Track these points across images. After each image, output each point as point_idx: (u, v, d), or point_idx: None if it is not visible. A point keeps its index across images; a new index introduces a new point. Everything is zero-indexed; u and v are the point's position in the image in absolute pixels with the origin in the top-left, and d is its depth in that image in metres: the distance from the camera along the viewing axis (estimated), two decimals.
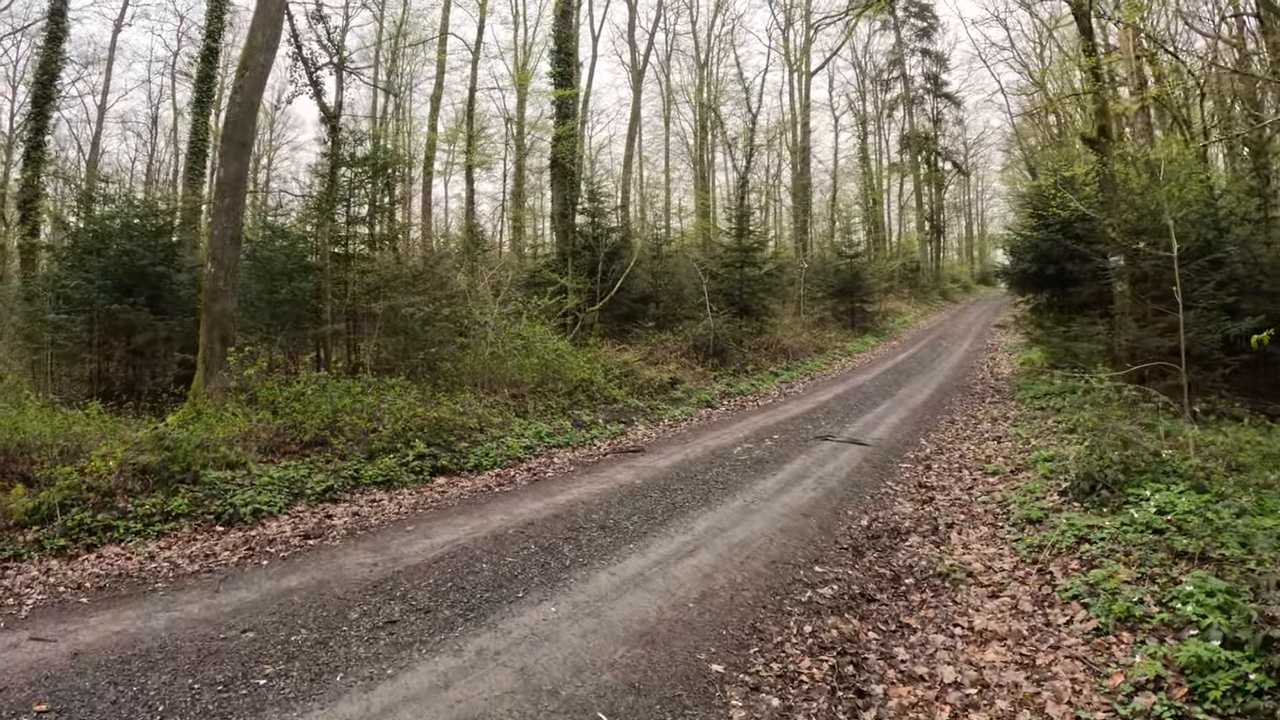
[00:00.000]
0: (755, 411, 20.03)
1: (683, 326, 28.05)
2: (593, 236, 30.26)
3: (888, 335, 41.99)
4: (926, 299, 61.88)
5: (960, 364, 30.12)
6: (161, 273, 19.55)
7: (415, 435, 14.62)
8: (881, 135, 74.41)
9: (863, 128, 70.98)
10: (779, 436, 16.08)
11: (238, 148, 17.22)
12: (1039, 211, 24.02)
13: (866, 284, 42.75)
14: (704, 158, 57.49)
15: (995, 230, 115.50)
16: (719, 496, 11.51)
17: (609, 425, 17.96)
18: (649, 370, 22.34)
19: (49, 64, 28.82)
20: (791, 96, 53.24)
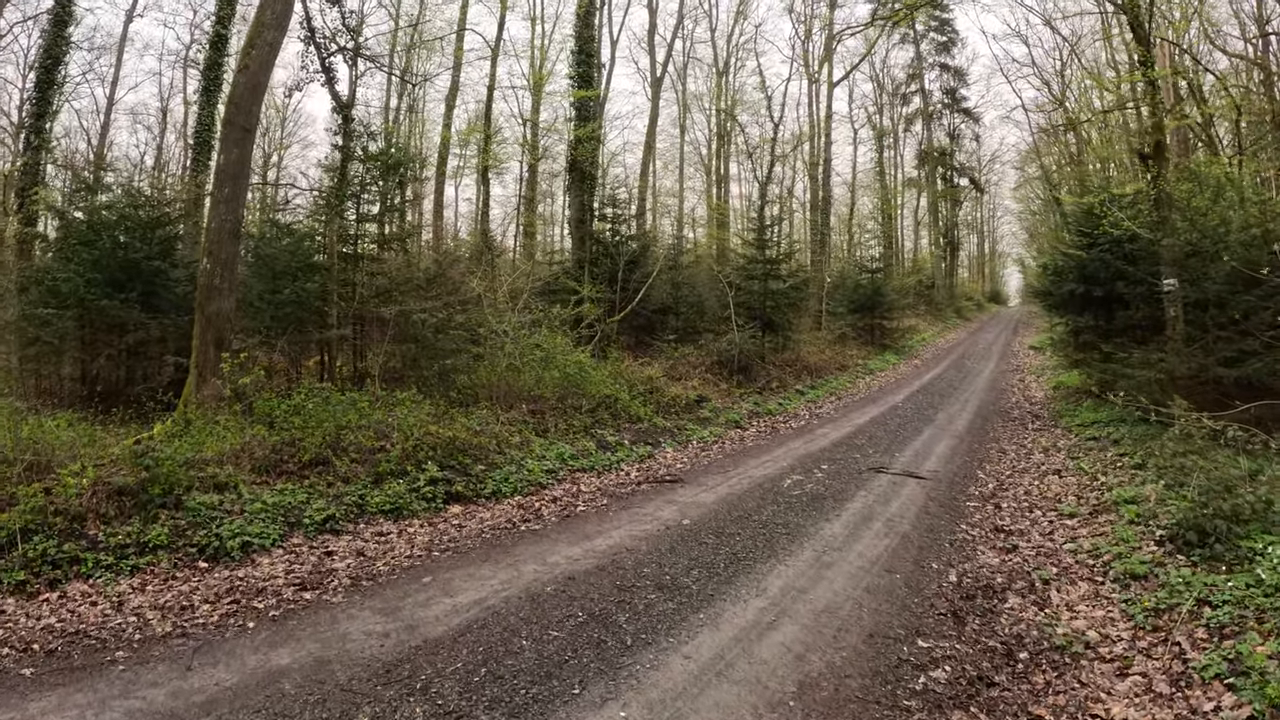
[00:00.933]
0: (791, 435, 18.46)
1: (704, 340, 26.49)
2: (612, 244, 28.75)
3: (908, 353, 40.47)
4: (942, 316, 60.41)
5: (990, 386, 28.57)
6: (157, 267, 18.07)
7: (427, 456, 13.06)
8: (897, 150, 72.98)
9: (879, 142, 69.50)
10: (828, 467, 14.50)
11: (240, 132, 15.67)
12: (1085, 230, 22.40)
13: (887, 300, 41.22)
14: (720, 167, 56.00)
15: (1005, 249, 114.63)
16: (784, 544, 9.86)
17: (635, 447, 16.40)
18: (674, 387, 20.77)
19: (53, 48, 27.39)
20: (811, 108, 51.75)
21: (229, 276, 15.51)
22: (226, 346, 15.41)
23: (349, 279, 18.24)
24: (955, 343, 47.82)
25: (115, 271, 17.80)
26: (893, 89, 70.69)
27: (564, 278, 27.05)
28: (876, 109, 70.15)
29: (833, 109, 53.33)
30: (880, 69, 68.84)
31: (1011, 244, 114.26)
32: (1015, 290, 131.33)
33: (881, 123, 70.24)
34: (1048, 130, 62.09)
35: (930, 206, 72.79)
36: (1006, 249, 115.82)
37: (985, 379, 30.63)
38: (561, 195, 53.45)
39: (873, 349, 38.39)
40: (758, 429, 19.53)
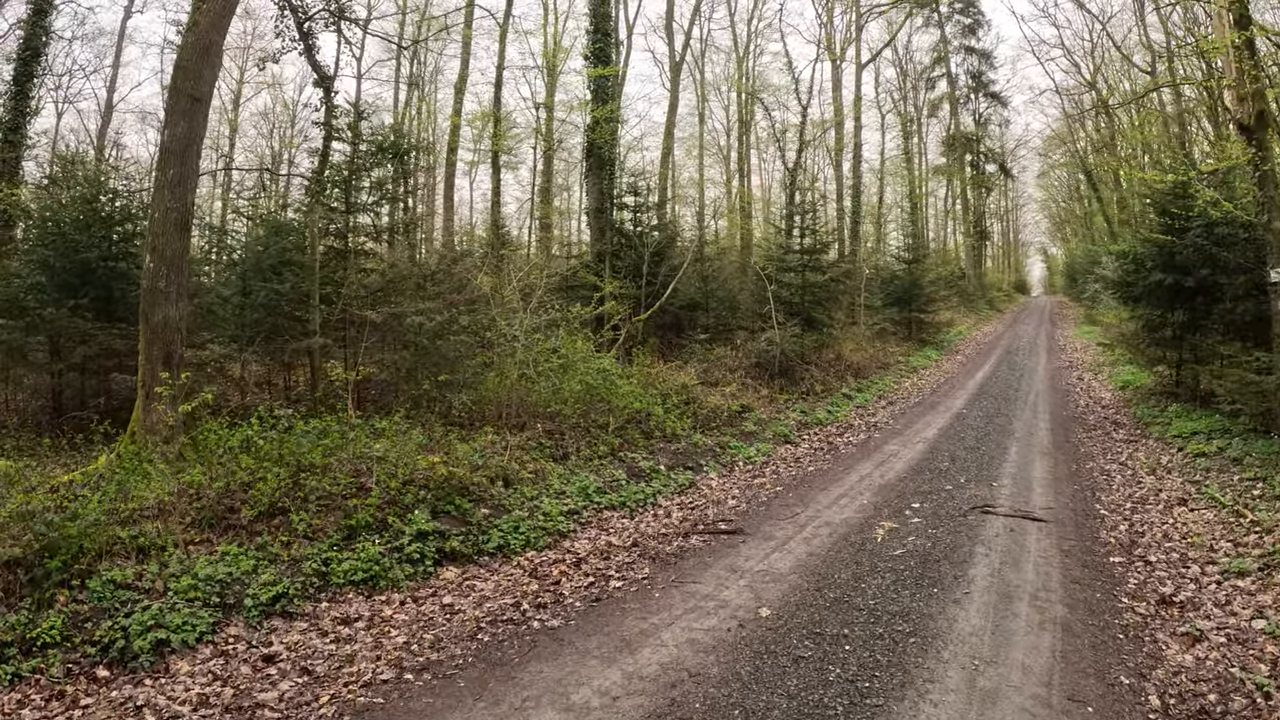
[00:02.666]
0: (854, 453, 15.35)
1: (739, 340, 23.44)
2: (634, 234, 25.70)
3: (948, 348, 37.25)
4: (975, 308, 57.07)
5: (1051, 386, 25.39)
6: (115, 269, 15.22)
7: (415, 500, 10.11)
8: (921, 136, 69.50)
9: (905, 128, 66.09)
10: (920, 505, 11.38)
11: (188, 102, 12.68)
12: (1175, 211, 19.14)
13: (925, 293, 38.01)
14: (741, 156, 52.90)
15: (1026, 238, 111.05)
16: (915, 656, 6.61)
17: (674, 473, 13.39)
18: (712, 395, 17.71)
19: (32, 40, 24.51)
20: (835, 92, 48.52)
21: (177, 278, 12.57)
22: (177, 362, 12.51)
23: (335, 277, 15.30)
24: (994, 336, 44.53)
25: (66, 275, 15.10)
26: (917, 74, 67.28)
27: (583, 271, 24.06)
28: (901, 95, 66.77)
29: (861, 91, 50.20)
30: (904, 54, 65.49)
31: (1034, 233, 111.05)
32: (1038, 280, 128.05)
33: (906, 108, 66.89)
34: (1074, 116, 58.95)
35: (960, 194, 69.31)
36: (1028, 238, 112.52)
37: (1042, 377, 27.45)
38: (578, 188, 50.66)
39: (912, 344, 35.20)
40: (811, 444, 16.47)
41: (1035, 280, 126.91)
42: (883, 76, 63.92)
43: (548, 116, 35.57)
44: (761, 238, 45.43)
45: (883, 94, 64.25)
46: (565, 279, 24.41)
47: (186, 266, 12.81)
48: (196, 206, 16.45)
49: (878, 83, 62.87)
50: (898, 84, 66.41)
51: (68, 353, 15.04)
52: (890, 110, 65.56)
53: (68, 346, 14.96)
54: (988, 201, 75.32)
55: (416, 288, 15.71)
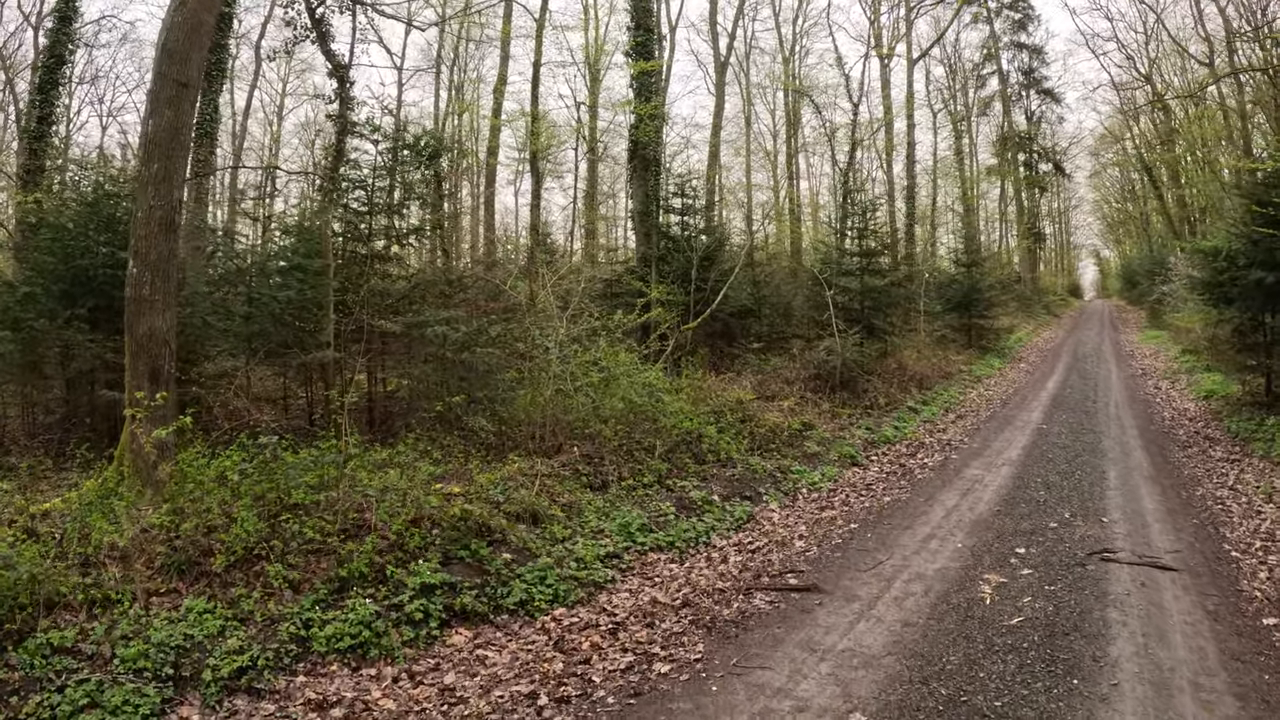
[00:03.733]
0: (932, 479, 13.30)
1: (794, 349, 21.47)
2: (683, 238, 23.85)
3: (1010, 355, 34.89)
4: (1032, 313, 54.37)
5: (1130, 396, 23.15)
6: (116, 277, 13.66)
7: (423, 543, 8.38)
8: (972, 136, 66.76)
9: (955, 127, 63.56)
10: (1026, 551, 9.34)
11: (174, 88, 11.02)
12: (1275, 202, 16.91)
13: (985, 297, 35.69)
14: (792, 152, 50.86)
15: (1078, 240, 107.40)
16: None
17: (729, 504, 11.50)
18: (770, 412, 15.75)
19: (56, 46, 23.37)
20: (884, 91, 46.45)
21: (163, 284, 10.95)
22: (165, 378, 10.91)
23: (353, 283, 13.65)
24: (1056, 342, 42.02)
25: (65, 283, 13.67)
26: (967, 72, 64.62)
27: (629, 276, 22.28)
28: (950, 94, 64.22)
29: (913, 88, 48.04)
30: (952, 52, 62.91)
31: (1085, 236, 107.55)
32: (1090, 284, 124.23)
33: (956, 108, 64.33)
34: (1126, 111, 56.23)
35: (1014, 195, 66.53)
36: (1079, 241, 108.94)
37: (1117, 387, 25.18)
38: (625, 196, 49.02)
39: (973, 352, 32.90)
40: (881, 467, 14.48)
41: (1087, 284, 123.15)
42: (932, 75, 61.50)
43: (590, 118, 33.86)
44: (812, 243, 43.48)
45: (933, 93, 61.84)
46: (609, 286, 22.67)
47: (175, 272, 11.20)
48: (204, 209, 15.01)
49: (928, 81, 60.48)
50: (947, 83, 63.92)
51: (59, 367, 13.70)
52: (941, 109, 63.14)
53: (60, 360, 13.62)
54: (1040, 203, 72.43)
55: (443, 295, 14.01)
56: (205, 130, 22.95)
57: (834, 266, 23.77)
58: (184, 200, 11.43)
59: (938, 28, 53.45)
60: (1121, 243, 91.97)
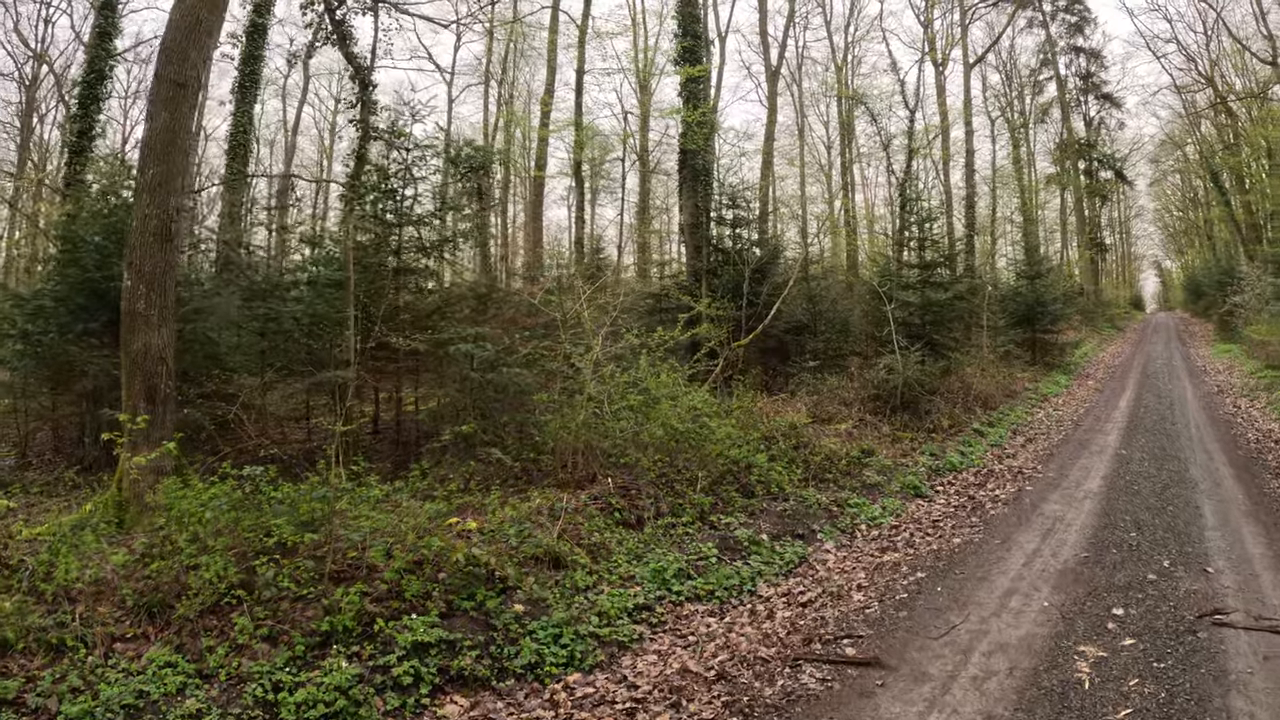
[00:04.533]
0: (1006, 516, 11.72)
1: (851, 366, 20.03)
2: (734, 250, 22.54)
3: (1076, 371, 32.95)
4: (1096, 326, 52.08)
5: (1209, 417, 21.30)
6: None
7: (422, 591, 7.22)
8: (1029, 144, 64.35)
9: (1013, 135, 61.39)
10: (1123, 609, 7.79)
11: (170, 89, 10.10)
12: None
13: (1050, 311, 33.76)
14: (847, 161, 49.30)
15: (1139, 251, 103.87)
16: None
17: (779, 544, 10.15)
18: (826, 437, 14.33)
19: (96, 62, 22.78)
20: (939, 98, 44.80)
21: (159, 298, 10.00)
22: (161, 398, 9.97)
23: (375, 297, 12.59)
24: (1124, 357, 39.83)
25: (82, 296, 12.87)
26: (1023, 78, 62.37)
27: (676, 290, 21.03)
28: (1007, 101, 62.07)
29: (970, 93, 46.34)
30: (1007, 58, 60.75)
31: (1145, 246, 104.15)
32: (1151, 295, 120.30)
33: (1013, 115, 62.16)
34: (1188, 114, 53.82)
35: (1075, 204, 64.07)
36: (1140, 251, 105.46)
37: (1195, 406, 23.30)
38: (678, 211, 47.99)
39: (1038, 368, 31.02)
40: (948, 499, 13.01)
41: (1148, 296, 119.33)
42: (988, 83, 59.41)
43: (641, 128, 32.72)
44: (869, 256, 41.97)
45: (989, 100, 59.78)
46: (657, 301, 21.44)
47: (171, 284, 10.21)
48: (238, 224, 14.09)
49: (984, 88, 58.36)
50: (1003, 89, 61.78)
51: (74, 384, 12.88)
52: (999, 116, 61.08)
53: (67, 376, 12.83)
54: (1100, 213, 69.73)
55: (472, 310, 12.87)
56: (239, 142, 22.24)
57: (893, 279, 22.29)
58: (182, 209, 10.38)
59: (991, 33, 51.73)
60: (1184, 252, 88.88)
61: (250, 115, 22.70)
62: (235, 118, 22.60)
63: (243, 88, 22.72)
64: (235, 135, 22.58)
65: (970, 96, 45.38)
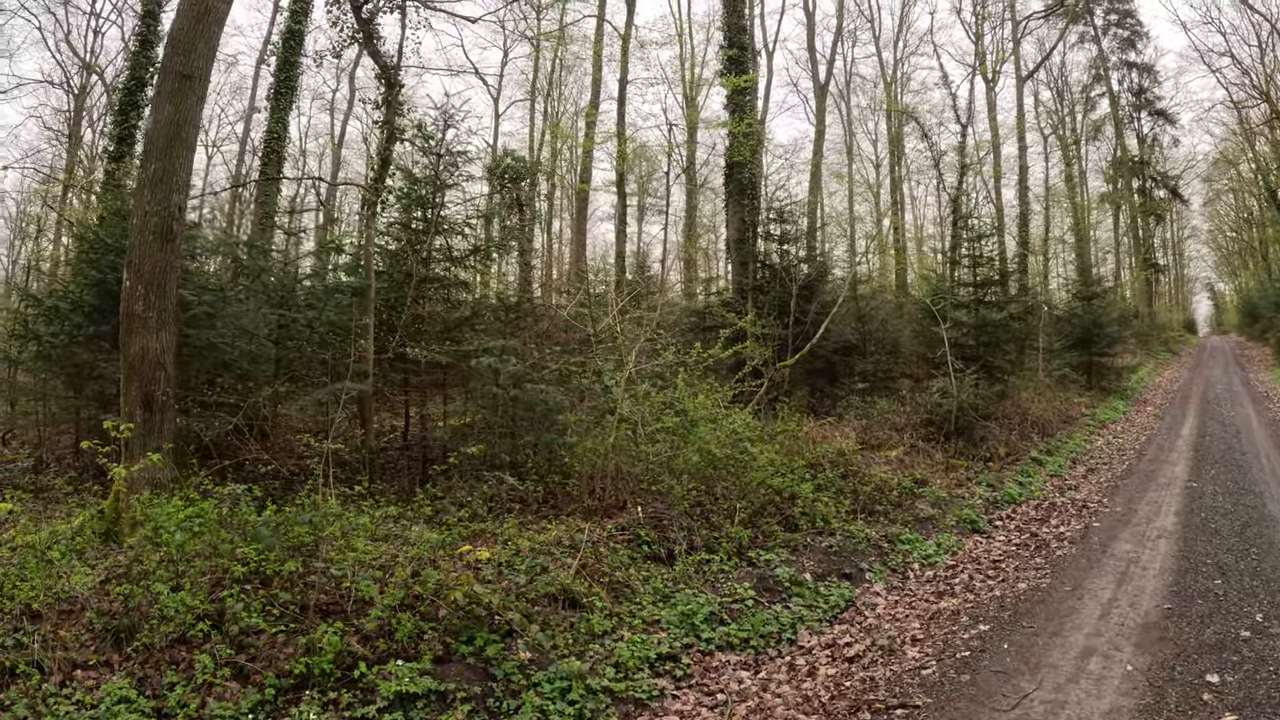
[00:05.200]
0: (1077, 558, 10.45)
1: (902, 389, 18.90)
2: (781, 267, 21.51)
3: (1134, 397, 31.38)
4: (1151, 350, 50.13)
5: (1276, 446, 19.90)
6: None
7: (415, 632, 6.30)
8: (1082, 162, 62.29)
9: (1065, 153, 59.59)
10: (1218, 677, 6.52)
11: (175, 80, 9.41)
12: None
13: (1108, 333, 32.18)
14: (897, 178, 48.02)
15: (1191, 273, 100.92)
16: None
17: (823, 585, 9.08)
18: (877, 466, 13.23)
19: (138, 70, 22.36)
20: (989, 114, 43.52)
21: (158, 300, 9.24)
22: (159, 406, 9.23)
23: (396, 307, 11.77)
24: (1181, 381, 38.00)
25: (94, 299, 12.26)
26: (1075, 95, 60.48)
27: (720, 307, 20.05)
28: (1058, 119, 60.28)
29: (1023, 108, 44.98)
30: (1058, 75, 58.93)
31: (1198, 268, 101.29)
32: (1203, 319, 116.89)
33: (1065, 132, 60.35)
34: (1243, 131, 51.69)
35: (1130, 223, 62.02)
36: (1193, 273, 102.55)
37: (1262, 435, 21.72)
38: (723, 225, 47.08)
39: (1094, 393, 29.47)
40: (1009, 536, 11.84)
41: (1201, 318, 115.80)
42: (1039, 99, 57.73)
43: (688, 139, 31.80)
44: (919, 275, 40.73)
45: (1041, 116, 58.10)
46: (700, 318, 20.48)
47: (172, 286, 9.45)
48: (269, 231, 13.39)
49: (1036, 105, 56.72)
50: (1054, 106, 60.02)
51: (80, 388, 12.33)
52: (1050, 134, 59.35)
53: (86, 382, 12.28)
54: (1154, 232, 67.41)
55: (500, 323, 12.00)
56: (273, 149, 21.65)
57: (946, 298, 21.10)
58: (185, 207, 9.61)
59: (1042, 49, 50.28)
60: (1238, 274, 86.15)
61: (285, 123, 22.14)
62: (270, 124, 22.03)
63: (278, 94, 22.21)
64: (269, 142, 22.01)
65: (1023, 111, 44.07)
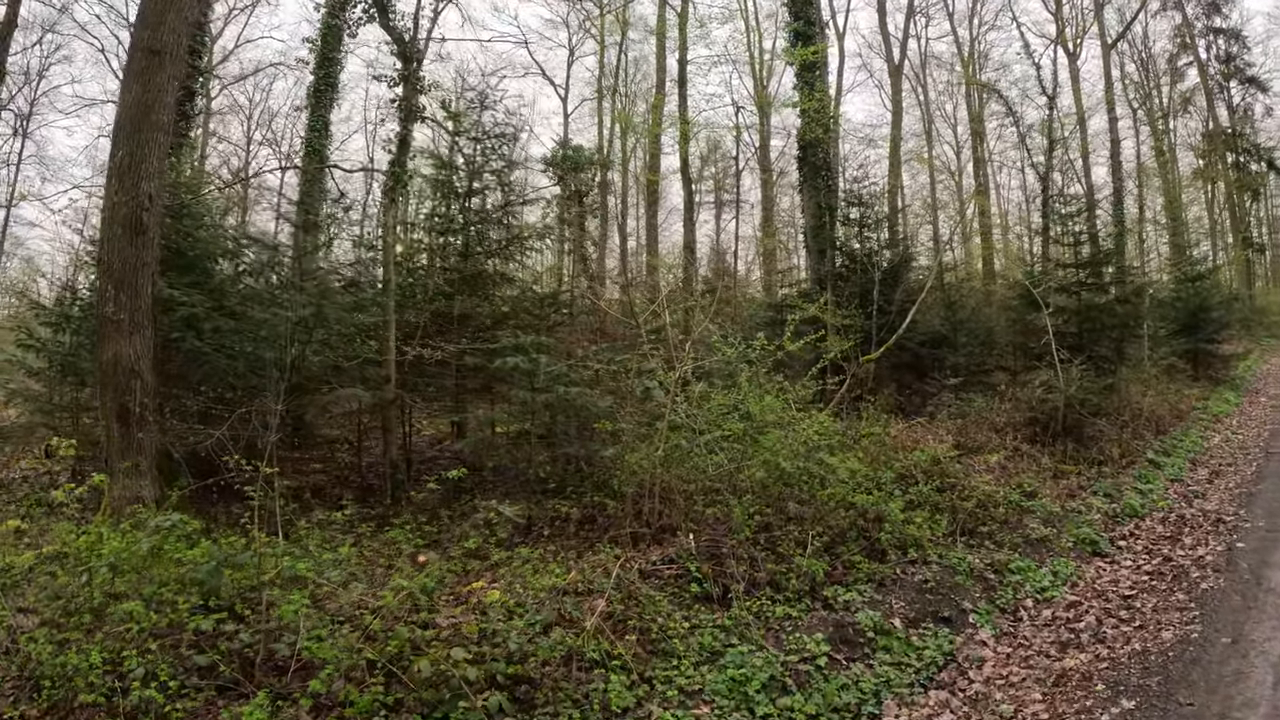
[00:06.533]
0: (1226, 593, 8.22)
1: (999, 384, 16.67)
2: (862, 253, 19.45)
3: (1243, 387, 28.32)
4: (1253, 335, 46.20)
5: None
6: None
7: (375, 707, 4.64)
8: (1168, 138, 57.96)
9: (1153, 127, 55.57)
10: None
11: (144, 58, 8.11)
12: None
13: (1214, 318, 29.14)
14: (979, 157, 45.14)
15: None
16: None
17: (915, 634, 7.11)
18: (978, 476, 11.15)
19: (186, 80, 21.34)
20: (1074, 88, 40.55)
21: (130, 300, 7.80)
22: (135, 419, 7.77)
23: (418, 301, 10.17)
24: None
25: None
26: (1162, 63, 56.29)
27: (797, 299, 18.09)
28: (1144, 93, 56.20)
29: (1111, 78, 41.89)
30: (1141, 46, 54.88)
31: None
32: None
33: (1152, 106, 56.28)
34: None
35: (1226, 200, 57.63)
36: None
37: None
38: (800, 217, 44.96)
39: (1202, 383, 26.57)
40: (1135, 560, 9.66)
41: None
42: (1124, 72, 53.85)
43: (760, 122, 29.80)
44: (1006, 264, 38.11)
45: (1127, 89, 54.23)
46: (778, 311, 18.54)
47: (145, 284, 7.94)
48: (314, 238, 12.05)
49: (1123, 77, 52.94)
50: (1140, 79, 55.97)
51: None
52: (1140, 106, 55.43)
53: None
54: (1250, 210, 62.53)
55: (535, 318, 10.31)
56: (314, 148, 20.30)
57: (1047, 280, 18.76)
58: (158, 196, 8.08)
59: (1123, 19, 46.65)
60: None
61: (326, 121, 20.86)
62: (310, 122, 20.82)
63: (318, 91, 20.99)
64: (310, 141, 20.78)
65: (1111, 80, 40.93)
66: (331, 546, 6.67)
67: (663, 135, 27.37)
